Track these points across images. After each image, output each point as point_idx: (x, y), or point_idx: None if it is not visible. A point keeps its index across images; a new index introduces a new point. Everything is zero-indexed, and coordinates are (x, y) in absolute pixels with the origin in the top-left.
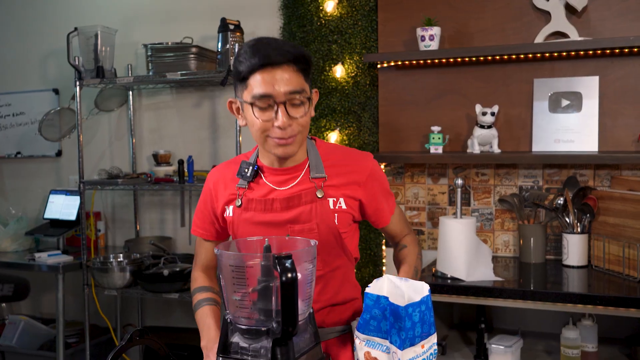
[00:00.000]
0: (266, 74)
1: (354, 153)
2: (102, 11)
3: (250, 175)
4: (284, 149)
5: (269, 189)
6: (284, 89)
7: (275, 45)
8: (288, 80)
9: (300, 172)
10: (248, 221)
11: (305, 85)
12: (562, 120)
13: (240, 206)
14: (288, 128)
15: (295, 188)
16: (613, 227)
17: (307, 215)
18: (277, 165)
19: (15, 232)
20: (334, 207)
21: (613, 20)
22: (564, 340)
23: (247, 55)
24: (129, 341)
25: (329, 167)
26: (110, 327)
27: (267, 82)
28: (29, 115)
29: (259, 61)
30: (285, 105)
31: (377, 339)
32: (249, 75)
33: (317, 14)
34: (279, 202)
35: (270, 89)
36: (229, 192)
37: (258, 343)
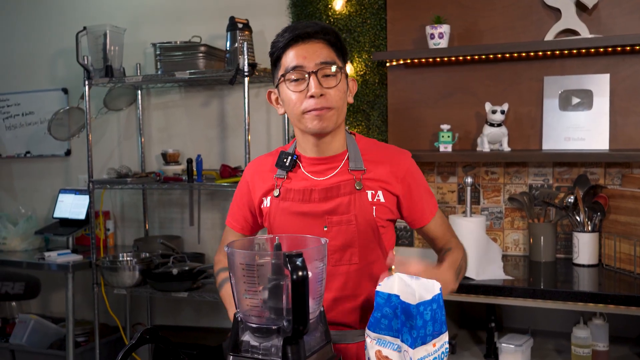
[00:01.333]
0: (297, 48)
1: (393, 149)
2: (110, 10)
3: (289, 165)
4: (320, 122)
5: (308, 179)
6: (315, 59)
7: (306, 24)
8: (318, 51)
9: (339, 163)
10: (286, 211)
11: (336, 59)
12: (573, 118)
13: (279, 196)
14: (321, 98)
15: (333, 179)
16: (624, 225)
17: (345, 206)
18: (316, 154)
19: (24, 231)
20: (372, 199)
21: (624, 17)
22: (575, 340)
23: (280, 34)
24: (139, 340)
25: (368, 161)
26: (120, 326)
27: (298, 55)
28: (38, 115)
29: (290, 35)
30: (317, 74)
31: (388, 337)
32: (282, 53)
33: (325, 12)
34: (318, 192)
35: (301, 60)
36: (266, 183)
37: (269, 342)
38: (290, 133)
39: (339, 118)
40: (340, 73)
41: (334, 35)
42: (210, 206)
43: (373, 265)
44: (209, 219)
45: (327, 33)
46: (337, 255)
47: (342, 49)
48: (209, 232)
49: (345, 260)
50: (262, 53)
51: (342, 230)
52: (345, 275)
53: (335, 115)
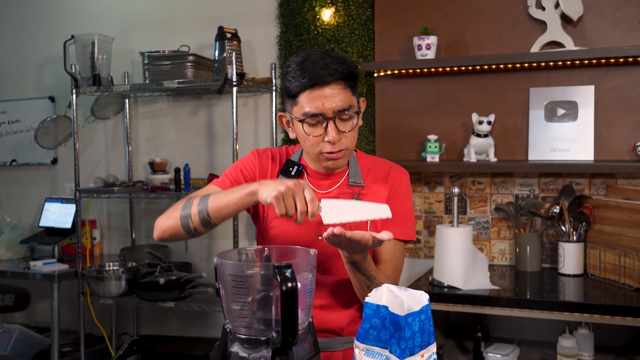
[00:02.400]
0: (315, 93)
1: (392, 167)
2: (98, 19)
3: (295, 175)
4: (334, 162)
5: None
6: (334, 106)
7: (323, 64)
8: (337, 97)
9: (340, 178)
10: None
11: (353, 100)
12: (558, 129)
13: None
14: (338, 142)
15: (332, 193)
16: (609, 235)
17: None
18: (322, 170)
19: (10, 240)
20: None
21: (608, 30)
22: (561, 349)
23: (296, 74)
24: (127, 350)
25: (367, 177)
26: (106, 336)
27: (317, 100)
28: (25, 123)
29: (308, 82)
30: (335, 121)
31: (376, 348)
32: (299, 93)
33: (313, 23)
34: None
35: (320, 107)
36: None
37: (258, 353)
38: (278, 143)
39: (352, 151)
40: (357, 117)
41: (353, 78)
42: None
43: None
44: None
45: (346, 78)
46: (328, 265)
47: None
48: (196, 242)
49: (335, 270)
50: (251, 62)
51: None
52: (335, 284)
53: (349, 151)
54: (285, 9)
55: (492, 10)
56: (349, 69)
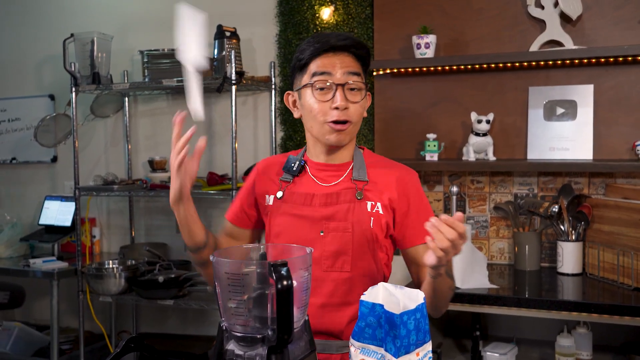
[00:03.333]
0: (326, 58)
1: (400, 166)
2: (98, 17)
3: (296, 170)
4: (338, 135)
5: (312, 184)
6: (343, 69)
7: (335, 34)
8: (347, 63)
9: (343, 172)
10: (286, 212)
11: (362, 73)
12: (557, 128)
13: (281, 198)
14: (345, 111)
15: (336, 187)
16: (607, 235)
17: (343, 214)
18: (323, 160)
19: (9, 238)
20: (371, 210)
21: (607, 29)
22: (559, 348)
23: (309, 43)
24: (124, 348)
25: (373, 174)
26: (105, 334)
27: (327, 64)
28: (25, 121)
29: (321, 46)
30: (344, 88)
31: (372, 346)
32: (311, 60)
33: (313, 22)
34: (319, 197)
35: (330, 67)
36: (272, 182)
37: (253, 350)
38: (278, 141)
39: (354, 132)
40: (364, 89)
41: (365, 51)
42: None
43: (365, 276)
44: None
45: (359, 47)
46: (330, 262)
47: (367, 65)
48: None
49: (337, 267)
50: (250, 61)
51: (337, 237)
52: (335, 282)
53: (353, 129)
54: (284, 8)
55: (491, 9)
56: (363, 44)
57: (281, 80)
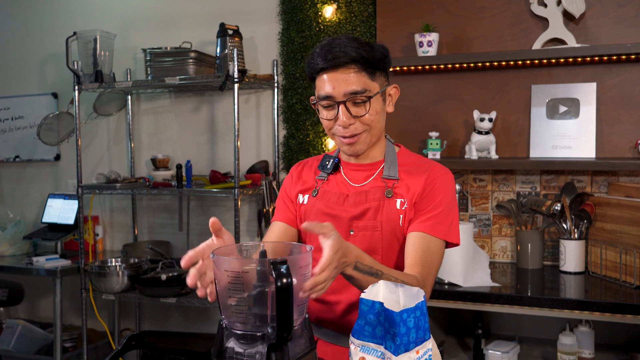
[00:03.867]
0: (328, 75)
1: (434, 164)
2: (101, 16)
3: (331, 167)
4: (350, 148)
5: (345, 184)
6: (344, 89)
7: (340, 47)
8: (348, 80)
9: (374, 171)
10: (319, 211)
11: (369, 85)
12: (560, 126)
13: (316, 196)
14: (350, 126)
15: (366, 186)
16: (610, 233)
17: (373, 212)
18: (354, 161)
19: (13, 236)
20: (401, 207)
21: (610, 27)
22: (561, 347)
23: (313, 57)
24: (125, 346)
25: (404, 171)
26: (108, 332)
27: (328, 83)
28: (28, 119)
29: (320, 64)
30: (346, 105)
31: (372, 344)
32: (315, 76)
33: (315, 20)
34: (351, 197)
35: (330, 90)
36: (308, 181)
37: (253, 348)
38: (280, 139)
39: (373, 137)
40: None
41: (364, 60)
42: (199, 212)
43: None
44: (198, 225)
45: (357, 60)
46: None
47: (377, 65)
48: (198, 238)
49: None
50: (252, 59)
51: (367, 235)
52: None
53: (367, 138)
54: (287, 6)
55: (494, 7)
56: (363, 52)
57: (284, 79)
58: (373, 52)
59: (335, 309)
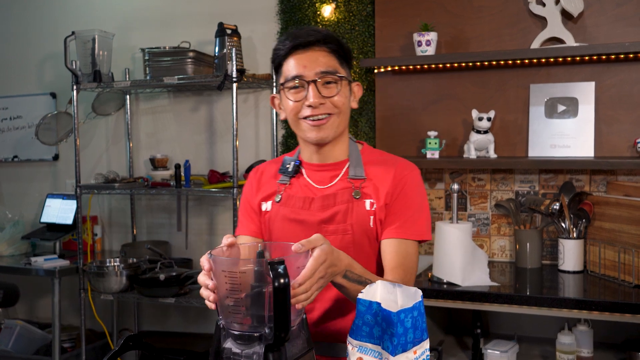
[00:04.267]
0: (297, 57)
1: (400, 160)
2: (99, 15)
3: (292, 171)
4: (318, 131)
5: (309, 187)
6: (315, 68)
7: (307, 29)
8: (318, 60)
9: (339, 171)
10: (285, 217)
11: (338, 68)
12: (558, 125)
13: (280, 202)
14: (320, 107)
15: (332, 188)
16: (609, 232)
17: (342, 215)
18: (317, 161)
19: (11, 236)
20: (371, 208)
21: (609, 26)
22: (560, 346)
23: (281, 40)
24: (123, 346)
25: (370, 170)
26: (107, 332)
27: (298, 63)
28: (26, 119)
29: (290, 43)
30: (316, 84)
31: (369, 344)
32: (283, 60)
33: (314, 19)
34: (317, 201)
35: (301, 69)
36: (269, 187)
37: (250, 349)
38: (279, 139)
39: (340, 125)
40: (341, 81)
41: (336, 43)
42: (198, 212)
43: None
44: (196, 225)
45: (328, 41)
46: None
47: (345, 55)
48: (196, 238)
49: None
50: (251, 59)
51: (337, 239)
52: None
53: (336, 122)
54: (285, 5)
55: (492, 6)
56: (334, 37)
57: None
58: (340, 39)
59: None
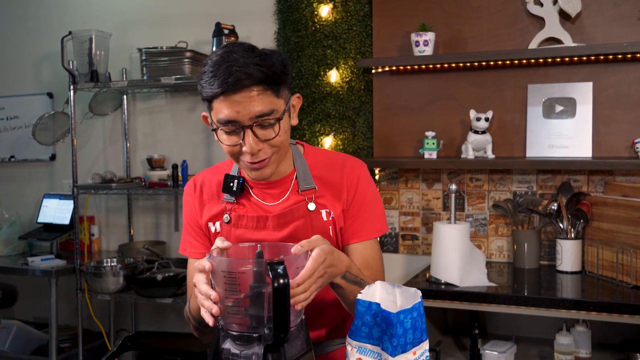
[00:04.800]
0: (229, 100)
1: (345, 158)
2: (96, 15)
3: (237, 190)
4: (258, 173)
5: (259, 205)
6: (249, 113)
7: (239, 66)
8: (253, 102)
9: (288, 185)
10: (239, 238)
11: (276, 104)
12: (556, 125)
13: (230, 222)
14: (259, 152)
15: (285, 203)
16: (607, 232)
17: (301, 230)
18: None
19: (8, 236)
20: (328, 218)
21: (606, 26)
22: (558, 346)
23: (208, 77)
24: (121, 347)
25: (318, 176)
26: (104, 332)
27: (230, 107)
28: (23, 119)
29: (219, 88)
30: (252, 129)
31: (368, 345)
32: (212, 99)
33: (311, 19)
34: (271, 219)
35: (234, 114)
36: (213, 206)
37: (249, 349)
38: None
39: (281, 157)
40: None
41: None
42: None
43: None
44: None
45: (261, 81)
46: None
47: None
48: None
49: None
50: None
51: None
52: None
53: (276, 157)
54: (283, 5)
55: (490, 6)
56: (268, 70)
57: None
58: (274, 66)
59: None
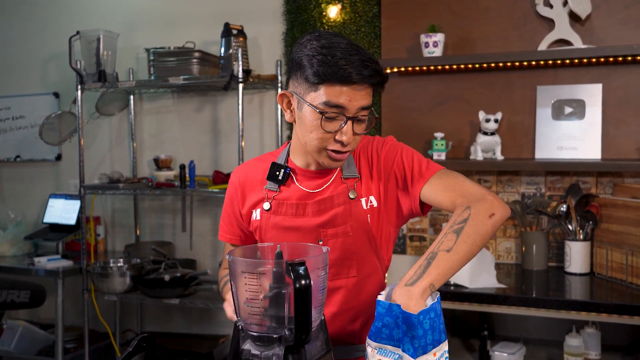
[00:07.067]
0: (351, 87)
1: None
2: (104, 15)
3: (282, 179)
4: (336, 163)
5: (301, 192)
6: (359, 104)
7: (369, 61)
8: (365, 96)
9: (332, 174)
10: (277, 226)
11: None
12: (565, 127)
13: (269, 210)
14: (352, 143)
15: (327, 190)
16: (616, 234)
17: (341, 218)
18: (314, 168)
19: (14, 236)
20: (367, 206)
21: (616, 28)
22: (567, 348)
23: (324, 61)
24: (136, 347)
25: (361, 165)
26: (110, 333)
27: (348, 94)
28: (29, 119)
29: (355, 78)
30: (353, 121)
31: (389, 347)
32: (322, 82)
33: (320, 20)
34: (311, 206)
35: (345, 102)
36: (256, 194)
37: (270, 350)
38: (283, 140)
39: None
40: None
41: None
42: (202, 212)
43: (371, 277)
44: (201, 225)
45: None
46: (335, 270)
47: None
48: (200, 239)
49: (343, 274)
50: (256, 59)
51: (338, 242)
52: (345, 289)
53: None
54: (291, 6)
55: (499, 8)
56: (382, 75)
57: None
58: (382, 71)
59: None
